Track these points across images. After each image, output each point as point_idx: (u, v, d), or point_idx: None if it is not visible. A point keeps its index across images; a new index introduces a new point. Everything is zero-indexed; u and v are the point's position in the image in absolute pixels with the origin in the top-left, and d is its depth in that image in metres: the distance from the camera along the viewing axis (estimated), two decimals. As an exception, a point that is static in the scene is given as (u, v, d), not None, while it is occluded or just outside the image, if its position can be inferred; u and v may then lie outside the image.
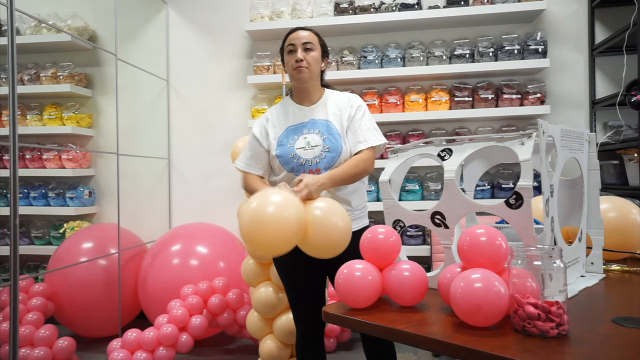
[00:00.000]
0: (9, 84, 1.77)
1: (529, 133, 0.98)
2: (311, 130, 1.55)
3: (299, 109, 1.62)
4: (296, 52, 1.55)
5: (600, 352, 0.69)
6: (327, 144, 1.52)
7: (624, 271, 1.23)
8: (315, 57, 1.57)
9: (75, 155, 3.19)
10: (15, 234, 1.78)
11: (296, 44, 1.56)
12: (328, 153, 1.51)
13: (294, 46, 1.56)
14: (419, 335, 0.80)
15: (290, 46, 1.57)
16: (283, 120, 1.61)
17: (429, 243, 2.52)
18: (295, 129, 1.58)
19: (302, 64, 1.54)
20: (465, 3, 2.80)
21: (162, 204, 3.29)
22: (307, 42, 1.56)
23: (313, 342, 1.66)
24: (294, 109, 1.62)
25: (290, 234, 1.12)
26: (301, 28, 1.60)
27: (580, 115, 2.86)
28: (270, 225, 1.08)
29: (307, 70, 1.55)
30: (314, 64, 1.57)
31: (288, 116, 1.61)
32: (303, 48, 1.55)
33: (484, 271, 0.82)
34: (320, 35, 1.64)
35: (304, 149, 1.52)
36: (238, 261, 2.60)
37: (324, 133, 1.54)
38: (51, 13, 3.22)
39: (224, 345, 2.78)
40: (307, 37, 1.57)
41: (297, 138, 1.55)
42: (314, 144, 1.52)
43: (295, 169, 1.52)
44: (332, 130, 1.55)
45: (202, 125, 3.26)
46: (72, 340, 2.32)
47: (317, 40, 1.60)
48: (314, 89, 1.62)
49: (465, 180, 1.32)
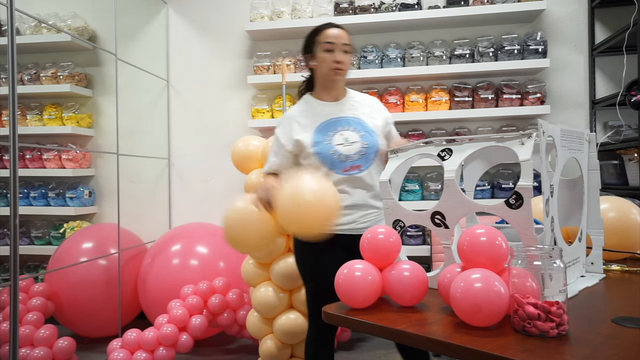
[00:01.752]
0: (9, 84, 1.77)
1: (529, 133, 0.98)
2: (345, 127, 1.57)
3: (325, 105, 1.62)
4: (334, 51, 1.56)
5: (600, 352, 0.69)
6: (365, 141, 1.55)
7: (624, 271, 1.23)
8: (350, 59, 1.62)
9: (75, 155, 3.19)
10: (15, 234, 1.78)
11: (336, 43, 1.56)
12: (368, 149, 1.54)
13: (333, 45, 1.56)
14: (419, 335, 0.80)
15: (329, 44, 1.56)
16: (311, 119, 1.61)
17: (429, 243, 2.52)
18: (327, 125, 1.58)
19: (342, 66, 1.57)
20: (465, 3, 2.80)
21: (162, 204, 3.29)
22: (346, 43, 1.58)
23: (326, 345, 1.64)
24: (319, 107, 1.63)
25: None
26: (336, 25, 1.60)
27: (580, 115, 2.86)
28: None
29: (344, 72, 1.59)
30: (349, 66, 1.61)
31: (316, 114, 1.61)
32: (343, 50, 1.57)
33: (484, 271, 0.82)
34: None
35: (342, 145, 1.54)
36: (238, 261, 2.60)
37: (360, 130, 1.56)
38: (51, 13, 3.22)
39: (224, 345, 2.78)
40: (346, 38, 1.58)
41: (333, 135, 1.56)
42: (353, 140, 1.54)
43: (336, 165, 1.53)
44: (367, 128, 1.58)
45: (202, 125, 3.26)
46: (72, 340, 2.32)
47: (350, 41, 1.62)
48: (341, 87, 1.66)
49: (465, 180, 1.32)
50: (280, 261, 2.06)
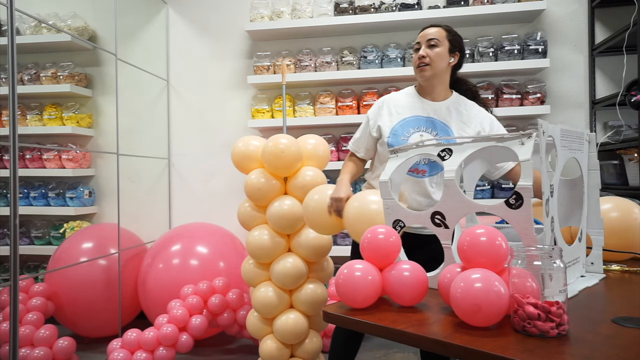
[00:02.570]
0: (9, 84, 1.77)
1: (529, 133, 0.98)
2: (429, 129, 1.55)
3: (421, 102, 1.61)
4: (420, 50, 1.55)
5: (600, 352, 0.69)
6: None
7: (624, 271, 1.23)
8: (440, 52, 1.54)
9: (75, 155, 3.19)
10: (15, 234, 1.78)
11: (421, 41, 1.56)
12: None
13: (419, 44, 1.56)
14: (419, 335, 0.80)
15: (416, 44, 1.57)
16: (402, 110, 1.60)
17: (429, 243, 2.51)
18: (412, 121, 1.57)
19: (424, 60, 1.54)
20: (465, 3, 2.80)
21: (162, 204, 3.29)
22: (432, 38, 1.54)
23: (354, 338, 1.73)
24: (415, 101, 1.62)
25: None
26: (431, 25, 1.58)
27: (580, 115, 2.86)
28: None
29: (428, 67, 1.53)
30: (437, 60, 1.54)
31: (408, 106, 1.60)
32: (427, 45, 1.54)
33: (484, 271, 0.82)
34: (452, 30, 1.60)
35: None
36: (238, 261, 2.60)
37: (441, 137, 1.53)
38: (51, 13, 3.22)
39: (224, 345, 2.78)
40: (433, 33, 1.55)
41: (413, 132, 1.55)
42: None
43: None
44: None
45: (202, 125, 3.26)
46: (72, 340, 2.32)
47: (444, 35, 1.56)
48: (439, 85, 1.59)
49: (465, 180, 1.32)
50: (280, 261, 2.06)
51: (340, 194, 1.53)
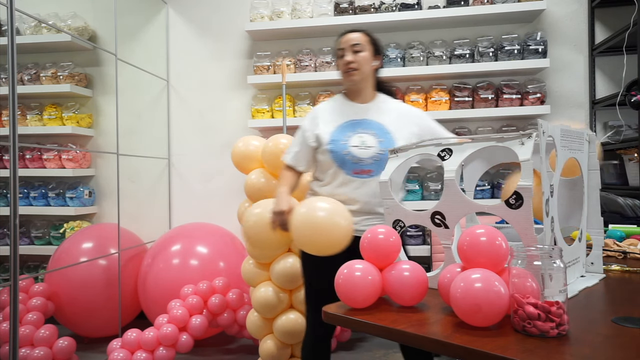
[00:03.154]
0: (9, 84, 1.77)
1: (529, 133, 0.98)
2: (366, 129, 1.57)
3: (351, 106, 1.64)
4: (345, 56, 1.59)
5: (600, 352, 0.69)
6: (382, 147, 1.53)
7: (624, 271, 1.23)
8: (365, 57, 1.60)
9: (75, 155, 3.19)
10: (15, 234, 1.78)
11: (345, 47, 1.59)
12: (383, 156, 1.52)
13: (343, 50, 1.60)
14: (419, 335, 0.80)
15: (340, 51, 1.61)
16: (335, 116, 1.62)
17: (429, 243, 2.52)
18: (349, 125, 1.59)
19: (352, 65, 1.58)
20: (465, 3, 2.80)
21: (162, 204, 3.29)
22: (356, 43, 1.58)
23: (323, 342, 1.67)
24: (346, 106, 1.64)
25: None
26: (351, 30, 1.62)
27: (580, 115, 2.86)
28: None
29: (357, 72, 1.58)
30: (364, 64, 1.60)
31: (340, 112, 1.63)
32: (352, 50, 1.58)
33: (484, 271, 0.82)
34: (372, 34, 1.65)
35: (358, 147, 1.54)
36: (238, 261, 2.60)
37: (379, 135, 1.55)
38: (51, 13, 3.22)
39: (224, 345, 2.78)
40: (356, 38, 1.59)
41: (352, 135, 1.56)
42: (369, 145, 1.54)
43: (347, 165, 1.54)
44: (387, 135, 1.56)
45: (202, 125, 3.26)
46: (72, 340, 2.32)
47: (367, 40, 1.62)
48: (367, 88, 1.65)
49: (465, 180, 1.32)
50: (280, 261, 2.06)
51: (282, 207, 1.52)
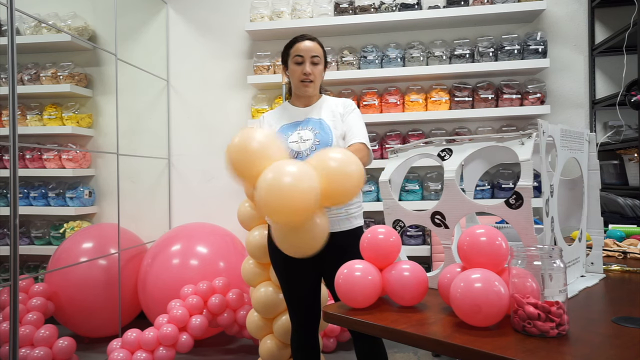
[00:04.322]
0: (9, 84, 1.77)
1: (529, 133, 0.98)
2: (305, 127, 1.64)
3: (296, 110, 1.70)
4: (304, 64, 1.62)
5: (600, 352, 0.69)
6: (317, 138, 1.60)
7: (624, 271, 1.23)
8: (321, 70, 1.67)
9: (75, 155, 3.19)
10: (15, 234, 1.78)
11: (305, 56, 1.62)
12: (318, 145, 1.59)
13: (302, 58, 1.62)
14: (419, 335, 0.80)
15: (299, 57, 1.63)
16: (280, 121, 1.70)
17: (429, 243, 2.52)
18: (290, 126, 1.66)
19: (309, 77, 1.62)
20: (465, 3, 2.80)
21: (162, 204, 3.29)
22: (315, 55, 1.62)
23: (306, 339, 1.74)
24: (291, 110, 1.71)
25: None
26: (307, 38, 1.65)
27: (580, 115, 2.86)
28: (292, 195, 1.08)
29: (312, 84, 1.64)
30: (320, 77, 1.67)
31: (284, 116, 1.70)
32: (311, 62, 1.63)
33: (484, 271, 0.82)
34: (322, 44, 1.70)
35: (296, 142, 1.61)
36: (238, 261, 2.60)
37: (316, 129, 1.62)
38: (51, 13, 3.22)
39: (224, 345, 2.78)
40: (315, 49, 1.63)
41: (291, 134, 1.63)
42: (306, 138, 1.60)
43: None
44: (324, 127, 1.63)
45: (202, 125, 3.26)
46: (72, 340, 2.32)
47: (322, 52, 1.67)
48: (314, 95, 1.72)
49: (465, 180, 1.32)
50: (280, 261, 2.06)
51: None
